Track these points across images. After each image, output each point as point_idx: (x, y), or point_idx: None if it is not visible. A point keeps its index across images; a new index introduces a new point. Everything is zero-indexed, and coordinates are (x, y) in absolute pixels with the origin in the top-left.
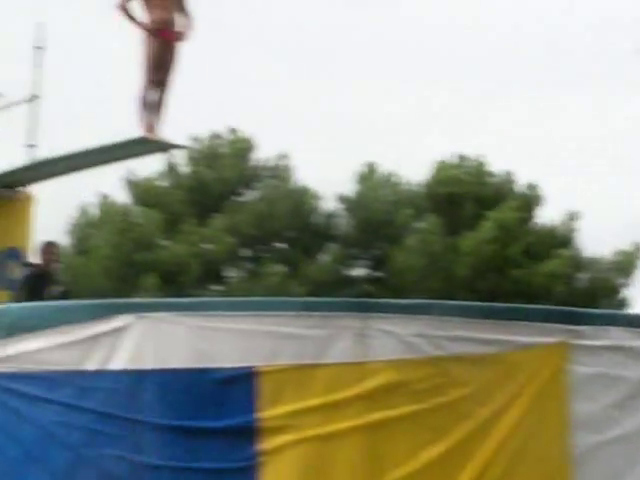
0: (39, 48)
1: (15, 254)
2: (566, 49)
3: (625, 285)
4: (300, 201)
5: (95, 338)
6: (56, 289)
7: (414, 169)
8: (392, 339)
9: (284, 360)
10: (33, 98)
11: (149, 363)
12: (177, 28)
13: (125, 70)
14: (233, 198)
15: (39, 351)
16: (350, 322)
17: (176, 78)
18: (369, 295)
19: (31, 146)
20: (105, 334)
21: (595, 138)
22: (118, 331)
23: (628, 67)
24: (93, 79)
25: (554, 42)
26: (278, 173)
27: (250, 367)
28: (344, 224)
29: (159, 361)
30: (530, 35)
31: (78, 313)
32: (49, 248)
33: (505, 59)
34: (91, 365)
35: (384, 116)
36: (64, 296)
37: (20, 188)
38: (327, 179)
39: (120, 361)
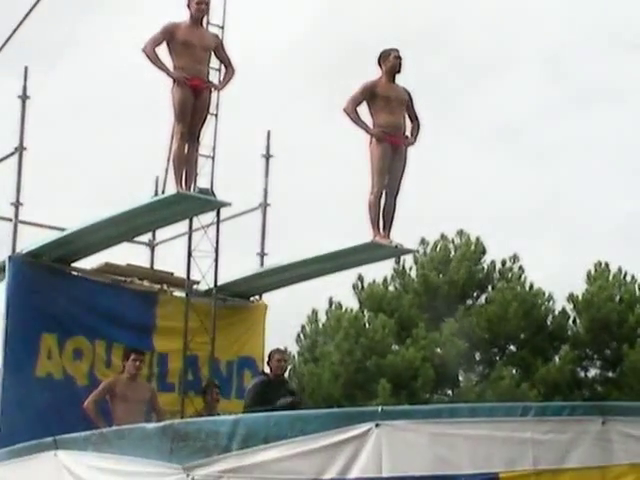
0: (268, 156)
1: (248, 363)
2: None
3: None
4: (532, 303)
5: (335, 447)
6: (288, 397)
7: None
8: (634, 442)
9: (524, 466)
10: (263, 206)
11: (388, 471)
12: (405, 132)
13: (353, 175)
14: (464, 301)
15: (277, 461)
16: (590, 426)
17: (405, 182)
18: (603, 397)
19: (262, 254)
20: (344, 443)
21: None
22: (357, 439)
23: None
24: (320, 185)
25: None
26: (509, 275)
27: (492, 473)
28: (575, 325)
29: (399, 469)
30: None
31: (316, 422)
32: (279, 356)
33: None
34: (331, 474)
35: (615, 214)
36: (296, 404)
37: (253, 297)
38: (557, 279)
39: (359, 470)
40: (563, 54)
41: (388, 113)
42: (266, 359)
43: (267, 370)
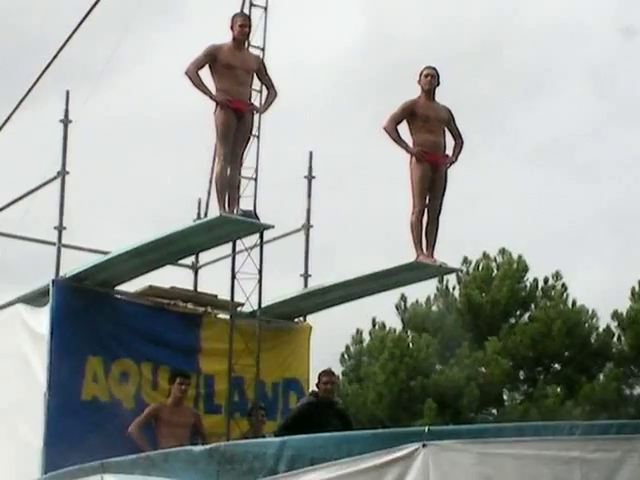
0: (310, 178)
1: (294, 384)
2: None
3: None
4: (575, 321)
5: (382, 468)
6: (336, 419)
7: None
8: None
9: None
10: (305, 228)
11: None
12: (445, 151)
13: (396, 195)
14: (507, 320)
15: None
16: (638, 444)
17: (446, 200)
18: None
19: (306, 275)
20: (392, 463)
21: None
22: (405, 460)
23: None
24: (363, 205)
25: None
26: (552, 293)
27: None
28: (619, 342)
29: None
30: None
31: (363, 443)
32: (327, 378)
33: None
34: None
35: None
36: (345, 426)
37: (297, 318)
38: (601, 296)
39: None
40: (610, 69)
41: (427, 132)
42: (315, 380)
43: (315, 391)
